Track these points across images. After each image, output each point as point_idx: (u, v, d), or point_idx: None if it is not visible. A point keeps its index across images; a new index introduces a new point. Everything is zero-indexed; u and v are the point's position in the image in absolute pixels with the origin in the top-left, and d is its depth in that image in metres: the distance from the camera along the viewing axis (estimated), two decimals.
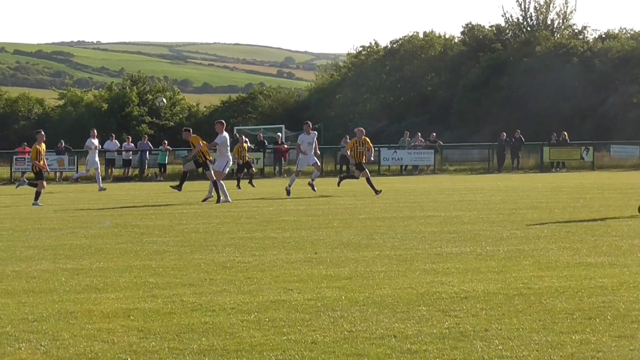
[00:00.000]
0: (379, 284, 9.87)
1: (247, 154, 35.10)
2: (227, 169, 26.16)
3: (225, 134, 26.27)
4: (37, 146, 25.76)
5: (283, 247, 13.65)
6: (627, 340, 7.09)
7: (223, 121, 26.88)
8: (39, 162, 25.71)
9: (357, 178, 27.74)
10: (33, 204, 24.57)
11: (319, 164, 29.74)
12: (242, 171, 34.09)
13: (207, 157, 26.28)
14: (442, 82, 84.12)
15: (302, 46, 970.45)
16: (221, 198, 24.70)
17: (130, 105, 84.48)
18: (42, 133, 26.51)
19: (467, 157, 54.72)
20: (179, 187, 26.38)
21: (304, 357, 6.73)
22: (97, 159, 36.16)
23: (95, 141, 36.49)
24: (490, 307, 8.45)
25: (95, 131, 37.72)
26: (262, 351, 6.90)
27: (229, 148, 26.37)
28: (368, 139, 28.08)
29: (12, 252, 13.41)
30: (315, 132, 29.40)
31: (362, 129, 28.55)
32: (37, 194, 25.17)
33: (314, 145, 28.28)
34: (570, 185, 32.33)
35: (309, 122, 29.41)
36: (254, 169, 36.55)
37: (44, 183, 26.00)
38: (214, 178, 24.89)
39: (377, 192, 25.99)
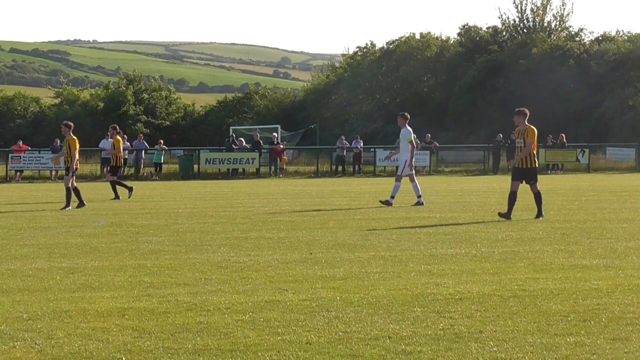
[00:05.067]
0: (374, 285, 9.87)
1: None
2: None
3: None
4: None
5: (278, 247, 13.65)
6: (621, 343, 7.10)
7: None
8: None
9: None
10: None
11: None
12: None
13: (120, 162, 26.37)
14: (438, 84, 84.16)
15: (299, 46, 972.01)
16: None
17: (126, 104, 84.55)
18: None
19: (463, 159, 54.75)
20: (129, 191, 26.04)
21: (298, 358, 6.73)
22: None
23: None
24: (485, 309, 8.46)
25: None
26: (257, 351, 6.89)
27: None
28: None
29: (7, 251, 13.39)
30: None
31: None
32: None
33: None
34: (566, 187, 32.36)
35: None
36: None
37: None
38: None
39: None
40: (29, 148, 49.48)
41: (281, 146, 50.38)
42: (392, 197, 22.39)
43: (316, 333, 7.48)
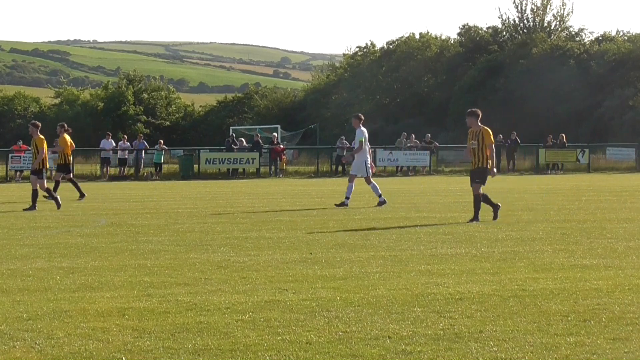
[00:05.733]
0: (374, 285, 9.87)
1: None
2: None
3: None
4: None
5: (278, 247, 13.64)
6: (621, 343, 7.10)
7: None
8: None
9: None
10: None
11: None
12: None
13: (68, 160, 26.52)
14: (438, 84, 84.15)
15: (299, 46, 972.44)
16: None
17: (126, 104, 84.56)
18: None
19: (463, 159, 54.75)
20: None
21: (298, 358, 6.73)
22: None
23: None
24: (485, 309, 8.45)
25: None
26: (257, 351, 6.89)
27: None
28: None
29: (7, 251, 13.39)
30: None
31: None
32: None
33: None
34: (566, 187, 32.36)
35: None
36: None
37: None
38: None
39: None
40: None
41: (281, 146, 50.38)
42: (379, 196, 22.38)
43: (316, 333, 7.48)
